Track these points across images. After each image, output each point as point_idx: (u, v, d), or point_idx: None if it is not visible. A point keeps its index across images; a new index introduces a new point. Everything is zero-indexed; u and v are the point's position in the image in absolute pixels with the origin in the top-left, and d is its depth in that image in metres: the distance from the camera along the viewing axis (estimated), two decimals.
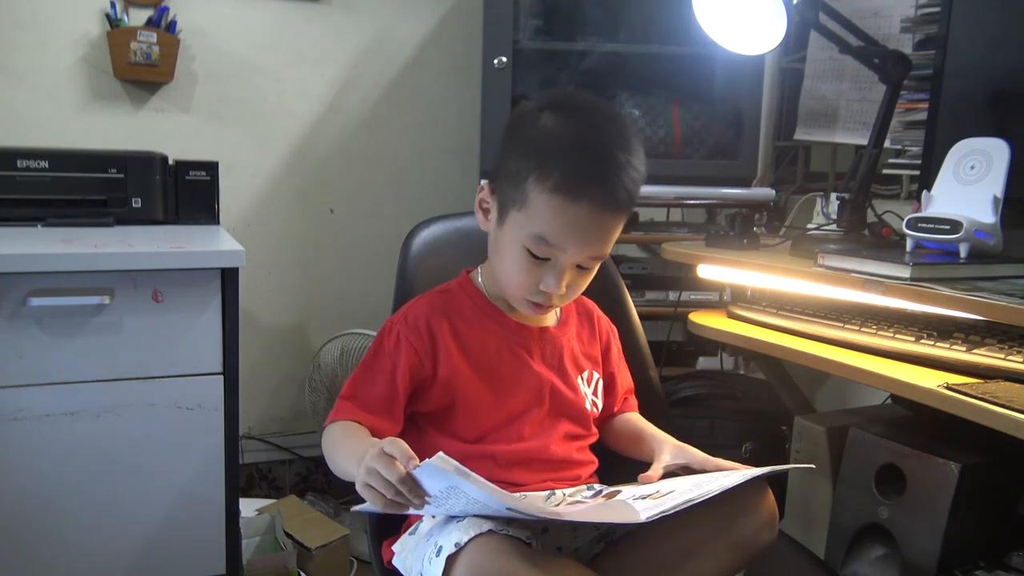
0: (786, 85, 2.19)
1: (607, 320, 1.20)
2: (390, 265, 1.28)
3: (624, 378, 1.19)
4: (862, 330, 1.22)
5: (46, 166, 1.57)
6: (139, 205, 1.62)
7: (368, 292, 2.21)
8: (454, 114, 2.24)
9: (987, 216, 1.22)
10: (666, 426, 1.15)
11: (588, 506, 0.97)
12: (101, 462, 1.36)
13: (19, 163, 1.55)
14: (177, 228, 1.63)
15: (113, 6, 1.88)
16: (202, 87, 2.03)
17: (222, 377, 1.41)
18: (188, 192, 1.68)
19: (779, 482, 1.54)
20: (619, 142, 0.95)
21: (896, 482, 1.31)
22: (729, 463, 1.00)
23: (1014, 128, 1.31)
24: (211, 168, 1.69)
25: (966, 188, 1.26)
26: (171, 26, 1.93)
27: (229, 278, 1.39)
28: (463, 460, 1.00)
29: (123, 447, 1.37)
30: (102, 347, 1.34)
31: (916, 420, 1.40)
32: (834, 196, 1.51)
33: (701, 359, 2.17)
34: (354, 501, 0.89)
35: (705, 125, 1.93)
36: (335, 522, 1.89)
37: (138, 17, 1.91)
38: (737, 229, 1.58)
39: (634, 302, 1.34)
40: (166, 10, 1.92)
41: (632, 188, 0.95)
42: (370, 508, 0.85)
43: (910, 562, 1.28)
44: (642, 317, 1.35)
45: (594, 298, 1.19)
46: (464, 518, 0.84)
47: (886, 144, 1.55)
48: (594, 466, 1.11)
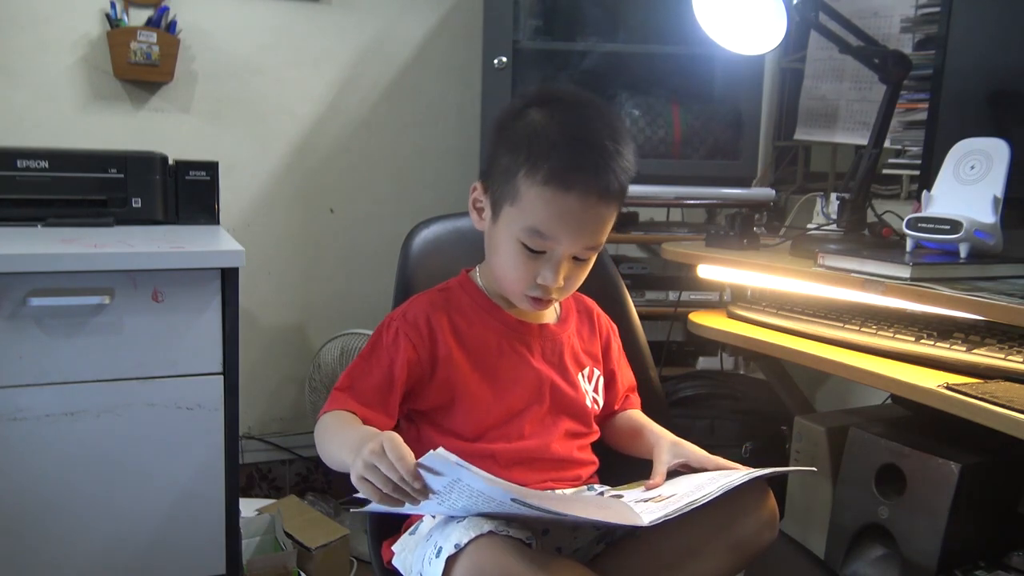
0: (786, 85, 2.19)
1: (607, 318, 1.20)
2: (390, 265, 1.28)
3: (625, 376, 1.19)
4: (862, 330, 1.22)
5: (46, 166, 1.57)
6: (139, 205, 1.62)
7: (368, 292, 2.21)
8: (454, 114, 2.24)
9: (987, 216, 1.22)
10: (666, 426, 1.14)
11: (592, 502, 0.97)
12: (101, 462, 1.36)
13: (19, 163, 1.55)
14: (177, 228, 1.63)
15: (113, 6, 1.88)
16: (202, 87, 2.03)
17: (222, 377, 1.41)
18: (188, 192, 1.68)
19: (779, 482, 1.54)
20: (607, 131, 0.96)
21: (896, 482, 1.31)
22: (727, 462, 1.01)
23: (1014, 128, 1.31)
24: (211, 168, 1.69)
25: (966, 188, 1.26)
26: (171, 26, 1.93)
27: (229, 278, 1.39)
28: (464, 459, 1.01)
29: (123, 447, 1.37)
30: (102, 347, 1.34)
31: (916, 420, 1.40)
32: (834, 196, 1.51)
33: (701, 359, 2.17)
34: (354, 502, 0.88)
35: (705, 125, 1.93)
36: (335, 522, 1.89)
37: (138, 17, 1.91)
38: (737, 229, 1.58)
39: (634, 302, 1.34)
40: (166, 10, 1.92)
41: (622, 176, 0.96)
42: (370, 508, 0.84)
43: (910, 562, 1.28)
44: (642, 317, 1.35)
45: (594, 298, 1.19)
46: (464, 519, 0.84)
47: (886, 144, 1.55)
48: (595, 466, 1.10)
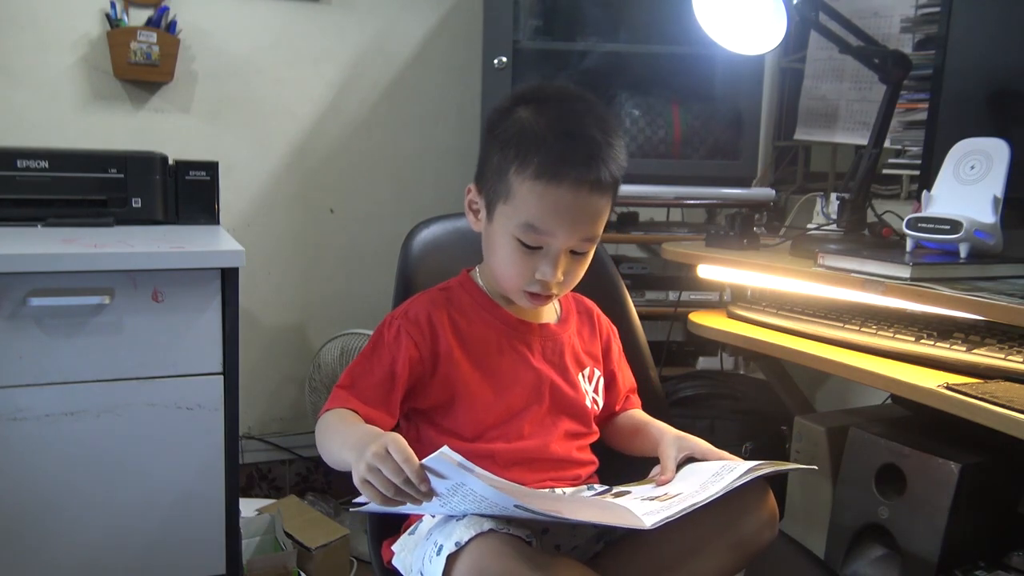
0: (786, 85, 2.19)
1: (607, 319, 1.19)
2: (390, 265, 1.28)
3: (626, 377, 1.19)
4: (862, 330, 1.22)
5: (46, 166, 1.57)
6: (139, 205, 1.62)
7: (368, 292, 2.21)
8: (454, 114, 2.24)
9: (987, 216, 1.22)
10: None
11: (594, 504, 0.97)
12: (101, 462, 1.36)
13: (19, 163, 1.55)
14: (177, 228, 1.63)
15: (113, 6, 1.88)
16: (202, 87, 2.03)
17: (222, 377, 1.41)
18: (188, 192, 1.67)
19: (779, 482, 1.54)
20: (596, 123, 0.96)
21: (896, 482, 1.31)
22: (731, 456, 1.01)
23: (1014, 128, 1.31)
24: (211, 168, 1.69)
25: (966, 188, 1.26)
26: (171, 26, 1.93)
27: (229, 278, 1.39)
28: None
29: (123, 447, 1.37)
30: (102, 347, 1.34)
31: (916, 420, 1.41)
32: (834, 196, 1.51)
33: (701, 359, 2.17)
34: (354, 501, 0.88)
35: (705, 125, 1.93)
36: (335, 522, 1.89)
37: (138, 17, 1.92)
38: (737, 229, 1.58)
39: (634, 302, 1.34)
40: (166, 10, 1.92)
41: (613, 167, 0.96)
42: (370, 507, 0.84)
43: (910, 562, 1.28)
44: (642, 317, 1.34)
45: (594, 298, 1.19)
46: (464, 517, 0.84)
47: (886, 144, 1.55)
48: (594, 466, 1.10)
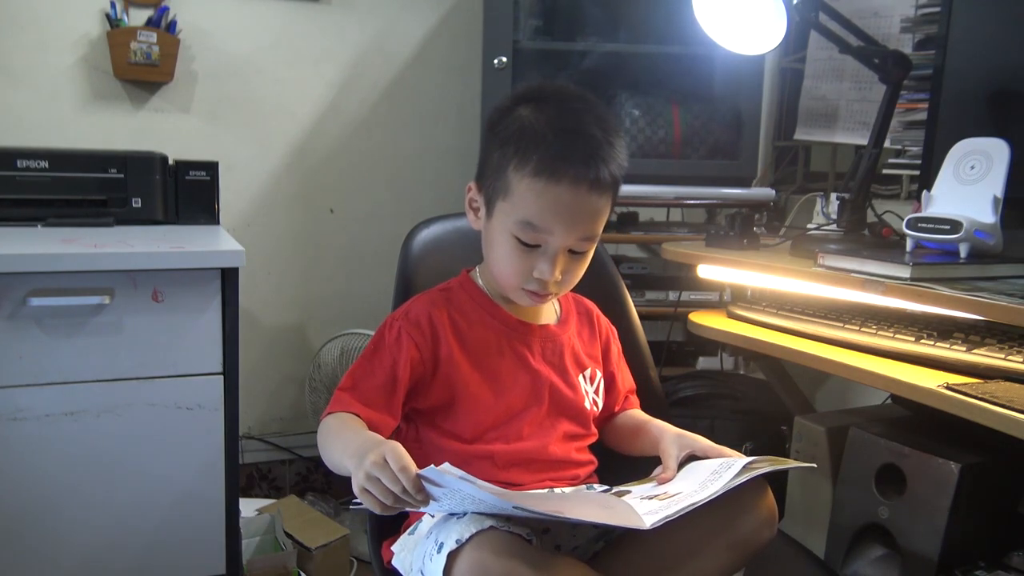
0: (786, 85, 2.19)
1: (607, 320, 1.19)
2: (390, 265, 1.28)
3: (625, 378, 1.19)
4: (862, 330, 1.22)
5: (46, 166, 1.57)
6: (139, 205, 1.62)
7: (368, 292, 2.21)
8: (454, 114, 2.24)
9: (987, 216, 1.22)
10: None
11: (595, 502, 0.97)
12: (101, 462, 1.36)
13: (19, 163, 1.55)
14: (177, 228, 1.63)
15: (113, 6, 1.88)
16: (202, 87, 2.03)
17: (222, 377, 1.41)
18: (188, 192, 1.67)
19: (779, 482, 1.54)
20: (596, 122, 0.97)
21: (896, 482, 1.31)
22: (732, 452, 1.01)
23: (1014, 128, 1.31)
24: (211, 168, 1.69)
25: (966, 188, 1.26)
26: (171, 26, 1.93)
27: (229, 278, 1.39)
28: (462, 460, 1.00)
29: (123, 447, 1.37)
30: (102, 347, 1.34)
31: (916, 420, 1.41)
32: (834, 196, 1.51)
33: (701, 359, 2.17)
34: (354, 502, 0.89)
35: (705, 125, 1.93)
36: (335, 522, 1.89)
37: (138, 17, 1.92)
38: (737, 229, 1.58)
39: (634, 302, 1.34)
40: (166, 10, 1.92)
41: (613, 166, 0.96)
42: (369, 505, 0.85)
43: (910, 562, 1.28)
44: (642, 317, 1.34)
45: (594, 298, 1.19)
46: (465, 515, 0.84)
47: (886, 144, 1.55)
48: (593, 466, 1.10)
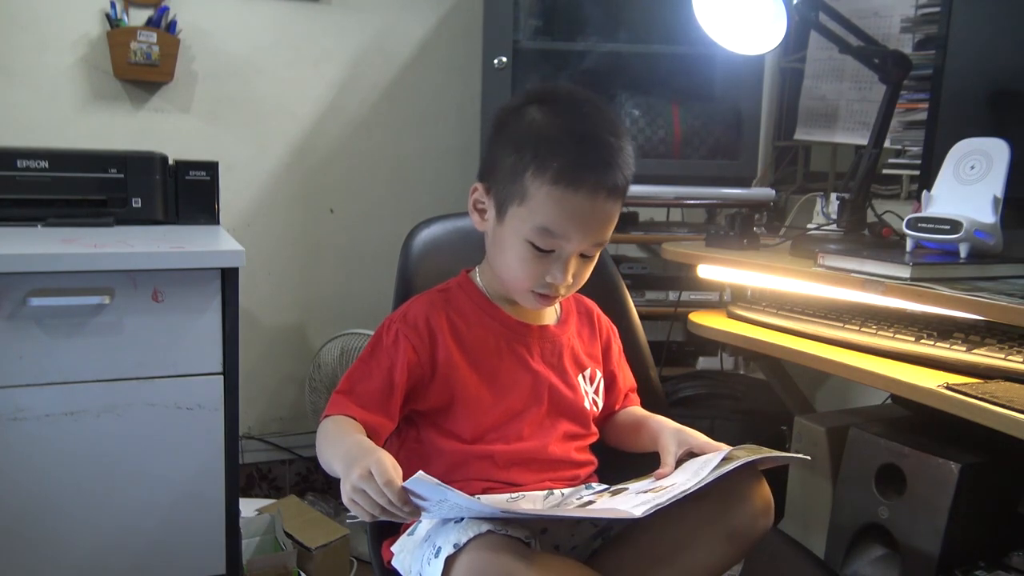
0: (786, 85, 2.19)
1: (607, 319, 1.19)
2: (390, 265, 1.28)
3: (626, 377, 1.19)
4: (862, 330, 1.22)
5: (46, 166, 1.57)
6: (139, 205, 1.62)
7: (368, 292, 2.21)
8: (454, 114, 2.24)
9: (987, 216, 1.22)
10: None
11: (586, 503, 0.97)
12: (101, 462, 1.36)
13: (19, 163, 1.55)
14: (177, 228, 1.63)
15: (113, 6, 1.88)
16: (202, 87, 2.03)
17: (222, 377, 1.41)
18: (188, 192, 1.67)
19: (779, 481, 1.54)
20: (609, 127, 0.97)
21: (896, 482, 1.31)
22: (729, 447, 1.00)
23: (1014, 128, 1.31)
24: (211, 168, 1.69)
25: (966, 188, 1.26)
26: (171, 26, 1.93)
27: (229, 278, 1.39)
28: (462, 461, 1.01)
29: (123, 447, 1.37)
30: (102, 347, 1.34)
31: (916, 420, 1.40)
32: (834, 196, 1.51)
33: (701, 359, 2.17)
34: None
35: (705, 125, 1.93)
36: (335, 522, 1.89)
37: (138, 17, 1.92)
38: (737, 229, 1.58)
39: (634, 302, 1.34)
40: (166, 10, 1.92)
41: (627, 171, 0.98)
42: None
43: (910, 562, 1.28)
44: (642, 317, 1.34)
45: (594, 298, 1.19)
46: (462, 519, 0.85)
47: (886, 144, 1.55)
48: (593, 466, 1.10)
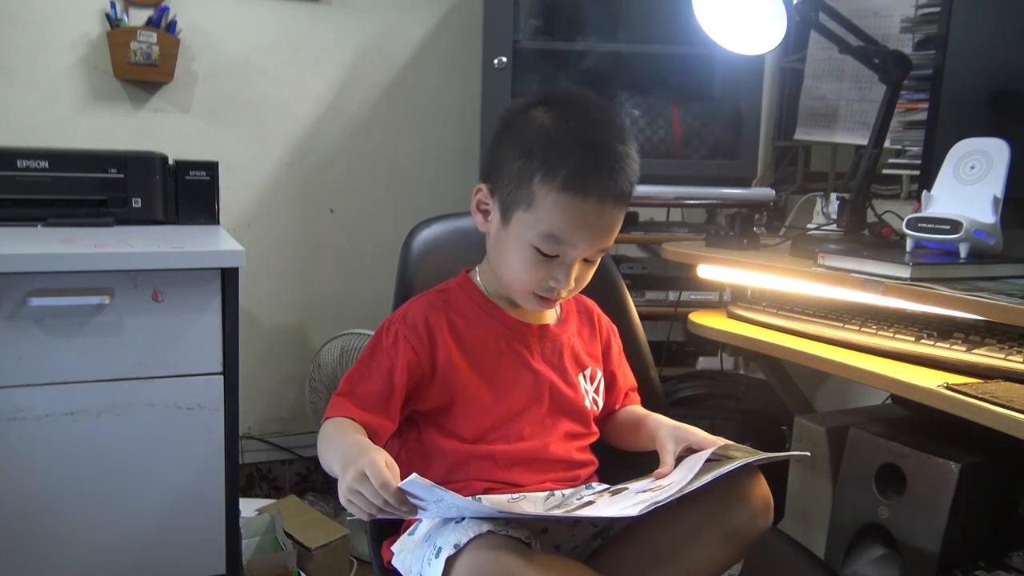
0: (786, 85, 2.19)
1: (607, 319, 1.19)
2: (390, 265, 1.28)
3: (626, 376, 1.19)
4: (862, 330, 1.22)
5: (46, 166, 1.57)
6: (139, 205, 1.62)
7: (368, 292, 2.21)
8: (454, 114, 2.24)
9: (987, 216, 1.22)
10: None
11: (586, 503, 0.97)
12: (101, 462, 1.36)
13: (19, 163, 1.55)
14: (177, 228, 1.63)
15: (113, 6, 1.88)
16: (202, 87, 2.03)
17: (222, 377, 1.41)
18: (188, 192, 1.67)
19: (779, 481, 1.54)
20: (616, 133, 0.97)
21: (896, 482, 1.31)
22: (727, 442, 1.00)
23: (1014, 128, 1.31)
24: (211, 168, 1.69)
25: (966, 188, 1.26)
26: (171, 26, 1.93)
27: (229, 278, 1.39)
28: (463, 460, 1.01)
29: (123, 447, 1.37)
30: (102, 347, 1.34)
31: (916, 420, 1.40)
32: (834, 196, 1.51)
33: (701, 359, 2.17)
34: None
35: (705, 125, 1.93)
36: (335, 522, 1.89)
37: (138, 17, 1.92)
38: (737, 229, 1.58)
39: (634, 302, 1.34)
40: (166, 10, 1.92)
41: (633, 178, 0.98)
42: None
43: (910, 562, 1.28)
44: (642, 317, 1.34)
45: (594, 298, 1.19)
46: (463, 519, 0.85)
47: (886, 144, 1.55)
48: (594, 466, 1.10)
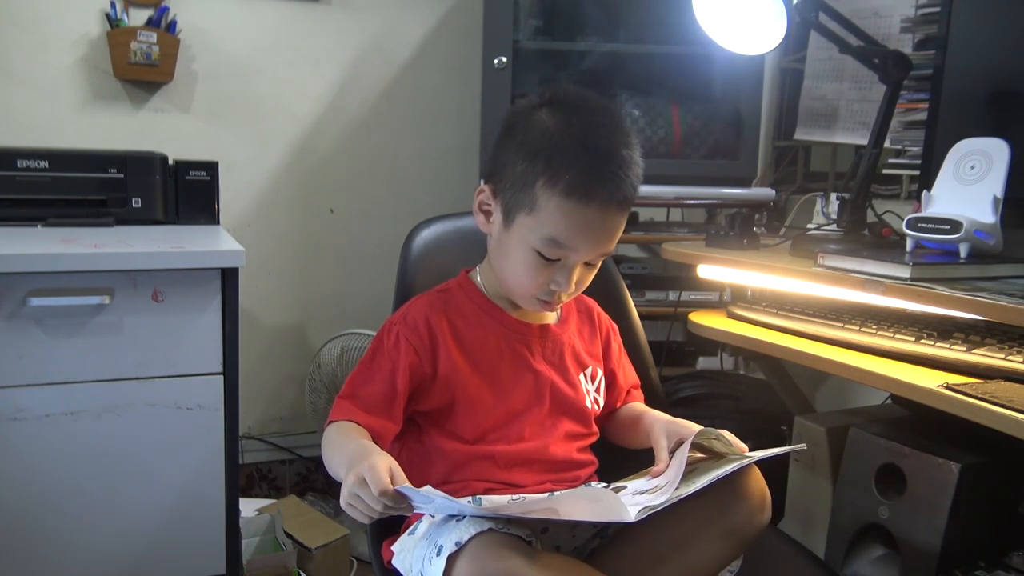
0: (786, 85, 2.19)
1: (607, 317, 1.20)
2: (390, 265, 1.28)
3: (627, 374, 1.19)
4: (862, 330, 1.22)
5: (46, 166, 1.57)
6: (139, 205, 1.62)
7: (368, 292, 2.21)
8: (454, 114, 2.24)
9: (987, 216, 1.22)
10: None
11: (580, 497, 0.97)
12: (101, 462, 1.36)
13: (19, 163, 1.55)
14: (177, 228, 1.63)
15: (113, 6, 1.88)
16: (202, 87, 2.03)
17: (222, 377, 1.41)
18: (188, 192, 1.67)
19: (779, 481, 1.54)
20: (621, 138, 0.97)
21: (896, 482, 1.32)
22: (707, 429, 1.00)
23: (1014, 128, 1.31)
24: (211, 168, 1.69)
25: (966, 188, 1.26)
26: (171, 26, 1.93)
27: (229, 278, 1.39)
28: (464, 461, 1.01)
29: (123, 447, 1.37)
30: (102, 347, 1.34)
31: (916, 420, 1.41)
32: (834, 196, 1.51)
33: (701, 359, 2.17)
34: None
35: (705, 125, 1.93)
36: (335, 522, 1.89)
37: (138, 17, 1.92)
38: (737, 229, 1.58)
39: (634, 302, 1.34)
40: (166, 10, 1.92)
41: (636, 183, 0.98)
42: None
43: (910, 562, 1.28)
44: (642, 317, 1.35)
45: (594, 297, 1.19)
46: (464, 517, 0.85)
47: (886, 144, 1.55)
48: (593, 467, 1.11)
